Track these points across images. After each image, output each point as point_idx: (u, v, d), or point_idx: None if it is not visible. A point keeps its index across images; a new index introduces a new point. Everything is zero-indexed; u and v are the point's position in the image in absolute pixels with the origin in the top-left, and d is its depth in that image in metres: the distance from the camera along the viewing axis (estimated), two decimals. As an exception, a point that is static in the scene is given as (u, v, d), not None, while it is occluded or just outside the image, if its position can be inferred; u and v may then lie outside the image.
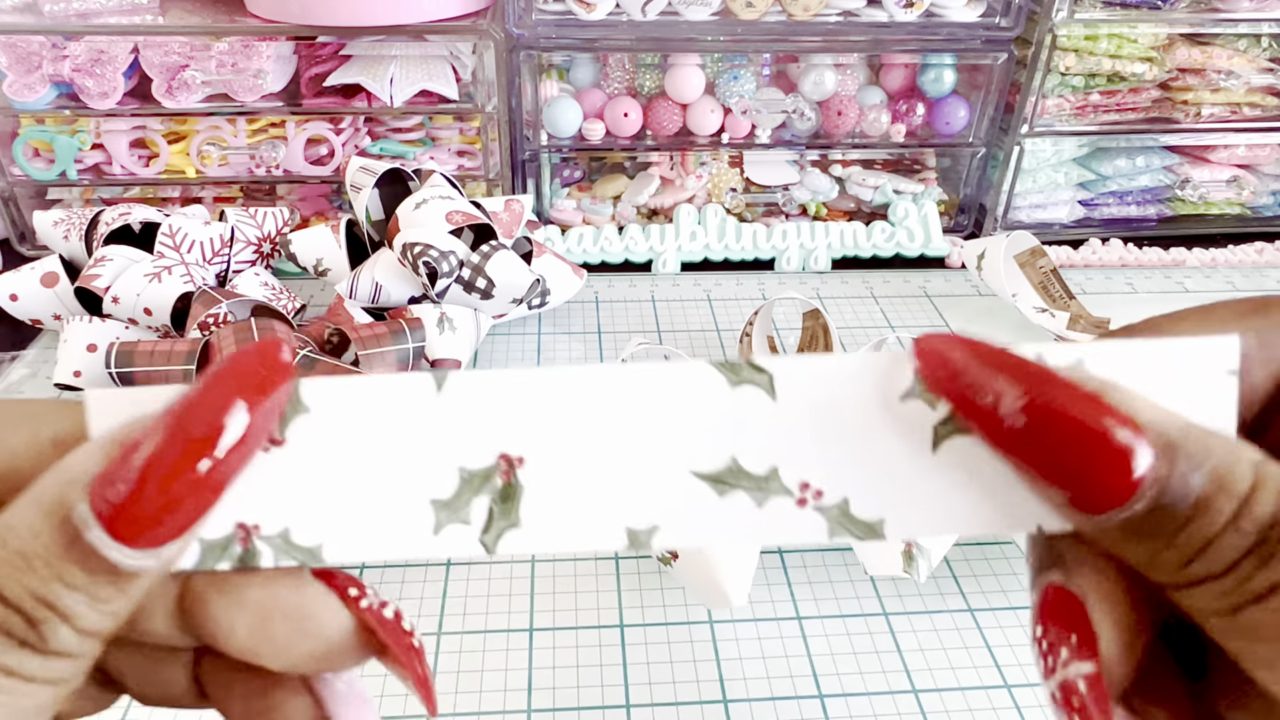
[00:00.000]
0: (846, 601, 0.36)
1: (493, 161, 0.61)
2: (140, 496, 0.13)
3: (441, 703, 0.32)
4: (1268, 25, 0.59)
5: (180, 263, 0.47)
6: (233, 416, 0.13)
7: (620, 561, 0.38)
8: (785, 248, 0.61)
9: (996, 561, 0.38)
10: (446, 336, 0.45)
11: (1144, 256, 0.64)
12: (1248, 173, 0.67)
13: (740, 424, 0.16)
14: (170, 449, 0.13)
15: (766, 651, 0.34)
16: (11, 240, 0.61)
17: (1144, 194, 0.67)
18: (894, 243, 0.62)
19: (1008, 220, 0.66)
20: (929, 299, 0.58)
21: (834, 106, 0.63)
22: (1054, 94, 0.61)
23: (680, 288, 0.58)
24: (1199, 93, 0.62)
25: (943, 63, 0.62)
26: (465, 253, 0.46)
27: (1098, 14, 0.58)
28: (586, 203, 0.64)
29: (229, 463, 0.13)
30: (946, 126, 0.64)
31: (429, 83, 0.58)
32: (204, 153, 0.59)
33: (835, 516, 0.16)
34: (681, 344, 0.52)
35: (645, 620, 0.35)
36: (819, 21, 0.58)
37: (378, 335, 0.40)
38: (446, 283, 0.45)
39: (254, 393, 0.14)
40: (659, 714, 0.31)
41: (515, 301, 0.47)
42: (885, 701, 0.32)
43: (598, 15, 0.56)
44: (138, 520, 0.13)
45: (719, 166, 0.64)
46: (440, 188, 0.49)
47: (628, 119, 0.61)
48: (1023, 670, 0.33)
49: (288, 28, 0.55)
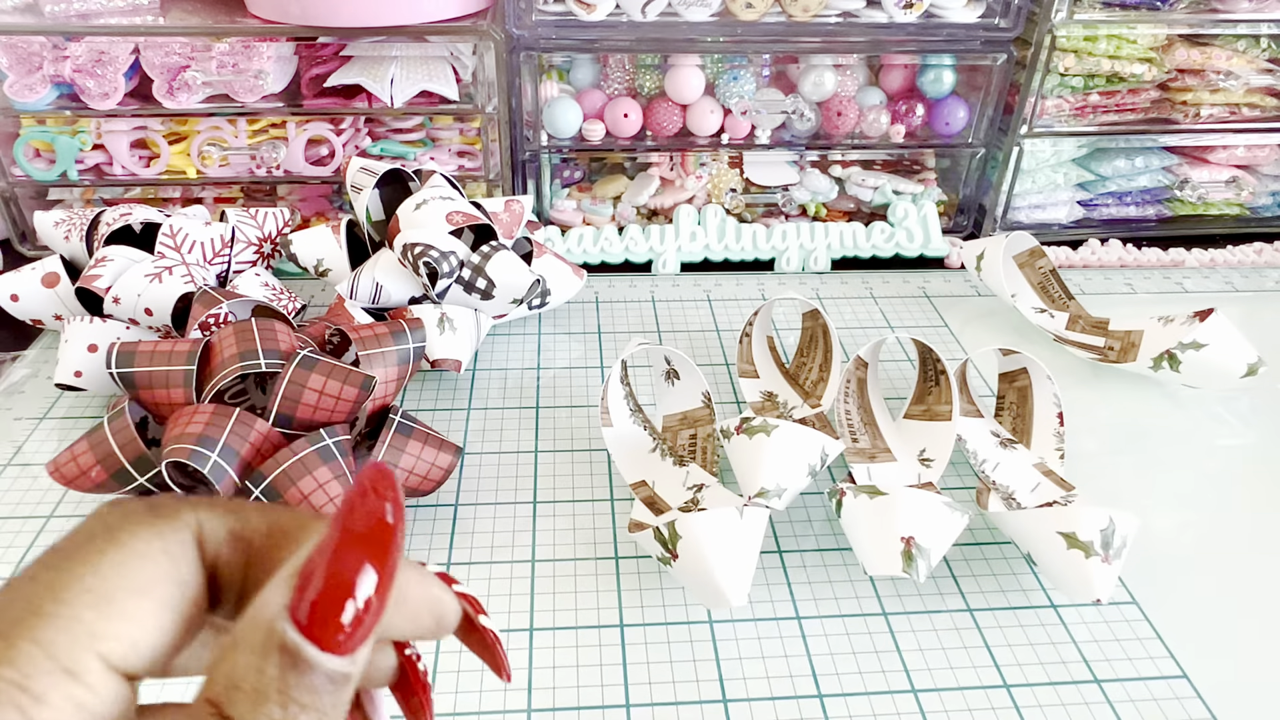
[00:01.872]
0: (846, 601, 0.36)
1: (493, 162, 0.61)
2: (328, 609, 0.15)
3: (441, 703, 0.32)
4: (1266, 26, 0.59)
5: (181, 263, 0.47)
6: (364, 576, 0.16)
7: (620, 561, 0.38)
8: (785, 248, 0.62)
9: (996, 562, 0.38)
10: (447, 337, 0.46)
11: (1143, 257, 0.64)
12: (1247, 173, 0.67)
13: None
14: (339, 585, 0.15)
15: (766, 651, 0.34)
16: (12, 240, 0.61)
17: (1143, 194, 0.67)
18: (893, 243, 0.62)
19: (1007, 221, 0.66)
20: (928, 299, 0.58)
21: (834, 107, 0.63)
22: (1053, 95, 0.61)
23: (680, 288, 0.58)
24: (1198, 93, 0.62)
25: (942, 63, 0.62)
26: (465, 253, 0.46)
27: (1097, 15, 0.58)
28: (586, 203, 0.65)
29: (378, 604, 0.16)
30: (946, 127, 0.64)
31: (429, 83, 0.58)
32: (204, 153, 0.59)
33: None
34: (681, 344, 0.52)
35: (645, 620, 0.35)
36: (819, 22, 0.58)
37: (378, 335, 0.40)
38: (447, 283, 0.45)
39: (377, 559, 0.16)
40: (659, 714, 0.32)
41: (515, 302, 0.47)
42: (885, 701, 0.32)
43: (598, 16, 0.57)
44: (329, 625, 0.15)
45: (719, 167, 0.64)
46: (440, 188, 0.49)
47: (628, 119, 0.62)
48: (1022, 670, 0.33)
49: (288, 28, 0.55)
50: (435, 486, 0.39)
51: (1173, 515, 0.41)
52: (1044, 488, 0.40)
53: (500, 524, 0.39)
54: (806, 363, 0.48)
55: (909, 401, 0.45)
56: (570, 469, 0.43)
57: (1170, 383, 0.49)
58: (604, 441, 0.43)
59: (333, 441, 0.36)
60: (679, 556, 0.33)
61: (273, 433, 0.36)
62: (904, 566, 0.33)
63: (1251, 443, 0.46)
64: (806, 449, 0.37)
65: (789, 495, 0.37)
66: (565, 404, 0.47)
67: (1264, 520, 0.41)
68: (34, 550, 0.38)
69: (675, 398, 0.45)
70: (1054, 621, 0.36)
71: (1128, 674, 0.33)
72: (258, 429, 0.36)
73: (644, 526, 0.36)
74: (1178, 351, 0.47)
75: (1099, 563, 0.33)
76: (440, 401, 0.47)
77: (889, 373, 0.50)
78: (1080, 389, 0.49)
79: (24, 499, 0.41)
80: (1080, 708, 0.32)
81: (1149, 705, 0.32)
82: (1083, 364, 0.51)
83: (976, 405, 0.45)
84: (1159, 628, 0.35)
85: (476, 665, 0.33)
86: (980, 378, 0.50)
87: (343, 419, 0.38)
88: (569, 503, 0.41)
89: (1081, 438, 0.46)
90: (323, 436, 0.36)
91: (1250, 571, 0.38)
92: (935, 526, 0.34)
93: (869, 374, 0.46)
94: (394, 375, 0.40)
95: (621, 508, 0.40)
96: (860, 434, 0.43)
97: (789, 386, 0.47)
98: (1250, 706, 0.32)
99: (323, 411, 0.37)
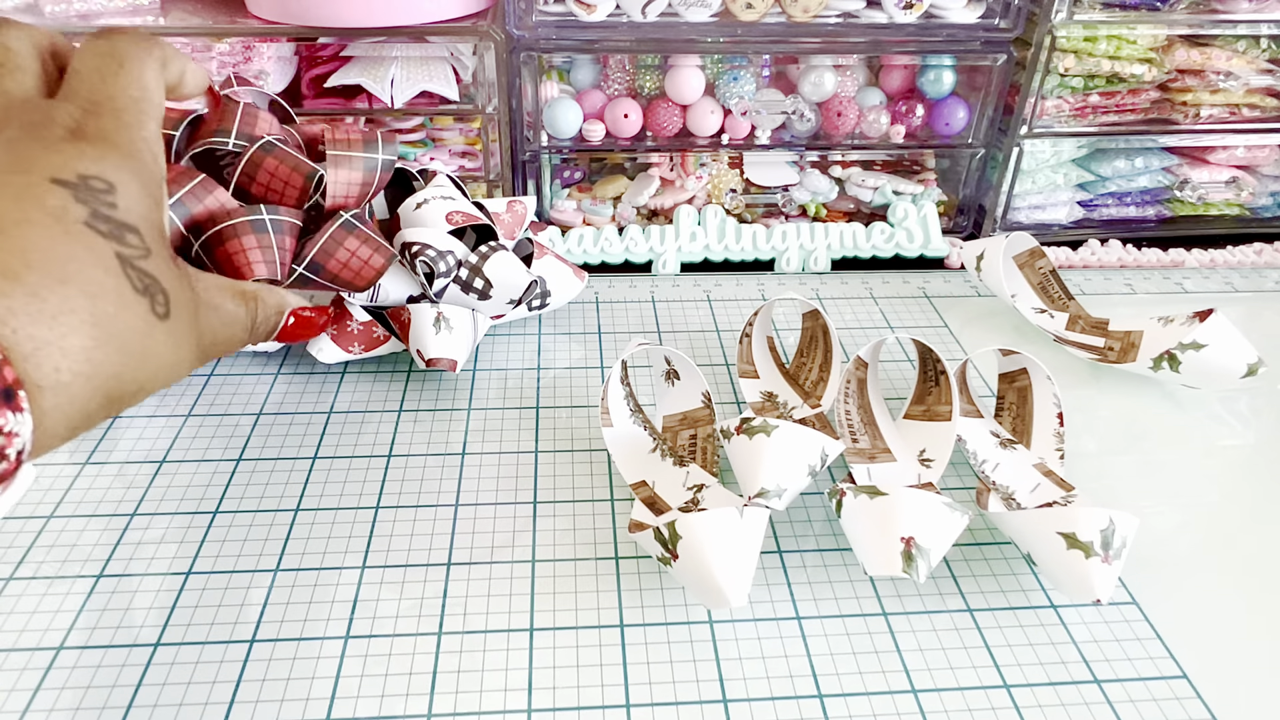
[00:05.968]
0: (846, 601, 0.36)
1: (493, 162, 0.61)
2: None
3: (441, 703, 0.32)
4: (1266, 26, 0.60)
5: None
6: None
7: (620, 561, 0.38)
8: (785, 248, 0.62)
9: (996, 562, 0.38)
10: (443, 336, 0.46)
11: (1143, 257, 0.64)
12: (1247, 174, 0.67)
13: None
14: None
15: (766, 651, 0.34)
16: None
17: (1143, 195, 0.67)
18: (893, 243, 0.62)
19: (1007, 221, 0.66)
20: (928, 300, 0.58)
21: (833, 108, 0.63)
22: (1053, 95, 0.61)
23: (680, 288, 0.58)
24: (1198, 94, 0.62)
25: (942, 64, 0.62)
26: (464, 253, 0.46)
27: (1097, 15, 0.58)
28: (587, 204, 0.65)
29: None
30: (946, 127, 0.64)
31: (430, 84, 0.58)
32: (205, 153, 0.59)
33: None
34: (681, 344, 0.52)
35: (645, 620, 0.35)
36: (818, 23, 0.58)
37: (350, 141, 0.42)
38: (444, 282, 0.45)
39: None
40: (659, 714, 0.32)
41: (512, 303, 0.47)
42: (885, 701, 0.32)
43: (598, 17, 0.57)
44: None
45: (719, 167, 0.65)
46: (443, 188, 0.49)
47: (628, 120, 0.62)
48: (1022, 670, 0.33)
49: (289, 29, 0.55)
50: (366, 285, 0.42)
51: (1173, 515, 0.41)
52: (1044, 488, 0.40)
53: (500, 524, 0.39)
54: (806, 363, 0.48)
55: (909, 402, 0.45)
56: (570, 469, 0.43)
57: (1170, 383, 0.49)
58: (604, 441, 0.43)
59: (270, 218, 0.38)
60: (679, 556, 0.33)
61: (230, 203, 0.38)
62: (904, 567, 0.33)
63: (1251, 443, 0.46)
64: (806, 449, 0.37)
65: (789, 495, 0.37)
66: (565, 404, 0.47)
67: (1264, 520, 0.41)
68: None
69: (675, 398, 0.45)
70: (1054, 621, 0.36)
71: (1128, 674, 0.34)
72: (216, 195, 0.38)
73: (644, 526, 0.36)
74: (1178, 352, 0.47)
75: (1099, 563, 0.33)
76: (440, 402, 0.47)
77: (889, 373, 0.50)
78: (1080, 389, 0.49)
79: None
80: (1080, 708, 0.32)
81: (1149, 705, 0.32)
82: (1083, 364, 0.51)
83: (976, 405, 0.45)
84: (1159, 628, 0.35)
85: (476, 665, 0.33)
86: (980, 378, 0.50)
87: (292, 204, 0.41)
88: (569, 503, 0.41)
89: (1081, 438, 0.46)
90: (261, 211, 0.38)
91: (1250, 571, 0.38)
92: (935, 527, 0.34)
93: (869, 374, 0.46)
94: (357, 180, 0.41)
95: (621, 508, 0.40)
96: (860, 434, 0.43)
97: (789, 387, 0.47)
98: (1250, 706, 0.32)
99: (274, 194, 0.40)
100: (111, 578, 0.36)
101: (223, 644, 0.34)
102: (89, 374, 0.22)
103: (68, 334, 0.22)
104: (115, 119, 0.26)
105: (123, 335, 0.23)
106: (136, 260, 0.24)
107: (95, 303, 0.23)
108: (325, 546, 0.38)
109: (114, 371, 0.23)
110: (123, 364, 0.24)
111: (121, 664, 0.33)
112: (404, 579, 0.37)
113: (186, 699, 0.32)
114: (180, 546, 0.38)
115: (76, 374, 0.22)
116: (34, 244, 0.22)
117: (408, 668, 0.33)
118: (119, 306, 0.23)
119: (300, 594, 0.36)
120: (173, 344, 0.26)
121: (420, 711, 0.31)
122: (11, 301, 0.21)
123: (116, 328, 0.23)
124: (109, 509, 0.40)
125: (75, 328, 0.22)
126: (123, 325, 0.23)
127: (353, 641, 0.34)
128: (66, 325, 0.22)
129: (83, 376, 0.22)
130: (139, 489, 0.41)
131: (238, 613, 0.35)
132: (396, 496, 0.41)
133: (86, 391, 0.23)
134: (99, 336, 0.23)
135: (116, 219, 0.24)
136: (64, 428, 0.23)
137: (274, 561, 0.37)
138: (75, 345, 0.22)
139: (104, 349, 0.23)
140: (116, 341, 0.23)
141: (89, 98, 0.26)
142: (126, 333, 0.23)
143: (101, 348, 0.23)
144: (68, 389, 0.22)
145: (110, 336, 0.23)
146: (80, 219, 0.23)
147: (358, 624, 0.35)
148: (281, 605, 0.35)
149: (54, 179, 0.23)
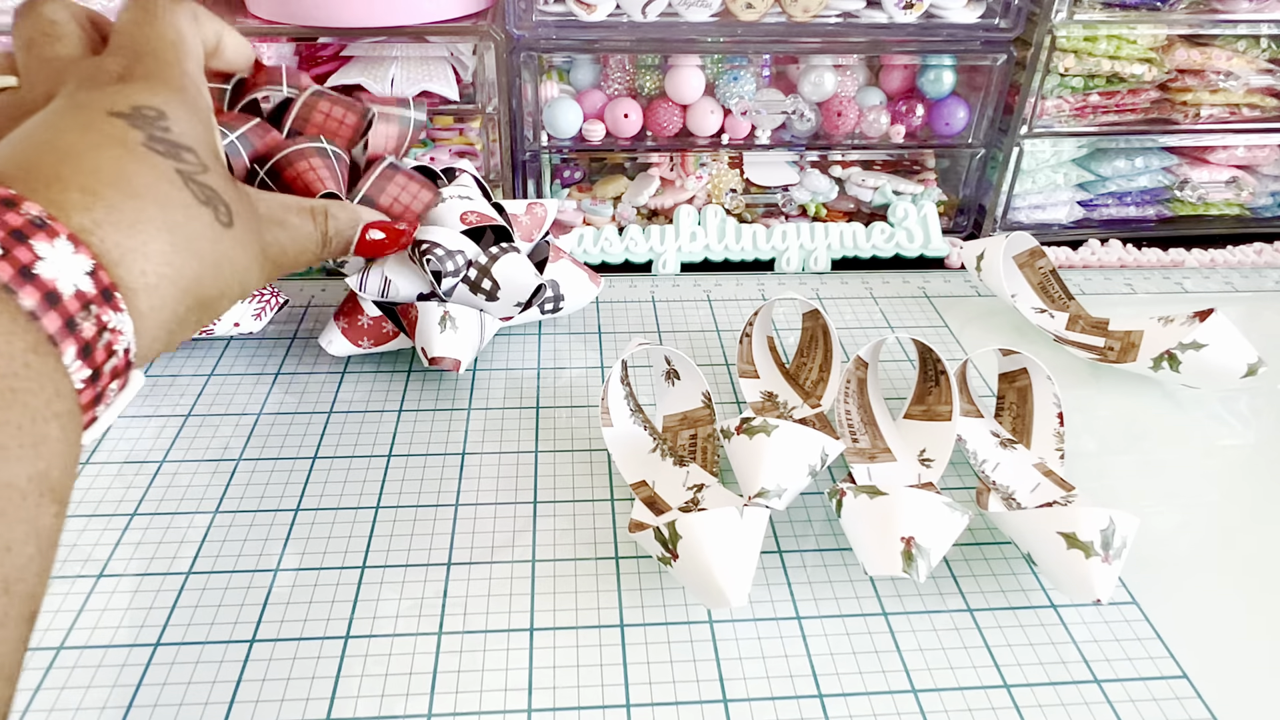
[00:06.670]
0: (846, 601, 0.36)
1: (493, 162, 0.61)
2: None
3: (441, 703, 0.32)
4: (1267, 26, 0.60)
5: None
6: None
7: (620, 561, 0.38)
8: (785, 248, 0.62)
9: (996, 562, 0.38)
10: (448, 335, 0.45)
11: (1143, 257, 0.64)
12: (1247, 173, 0.67)
13: None
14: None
15: (766, 651, 0.34)
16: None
17: (1143, 195, 0.67)
18: (893, 243, 0.62)
19: (1007, 221, 0.66)
20: (928, 299, 0.58)
21: (833, 107, 0.63)
22: (1053, 95, 0.61)
23: (680, 288, 0.58)
24: (1198, 93, 0.62)
25: (942, 64, 0.62)
26: (475, 253, 0.46)
27: (1097, 15, 0.58)
28: (587, 203, 0.65)
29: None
30: (946, 127, 0.64)
31: (430, 84, 0.58)
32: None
33: None
34: (681, 344, 0.52)
35: (645, 620, 0.35)
36: (819, 23, 0.58)
37: (386, 103, 0.46)
38: (453, 282, 0.45)
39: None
40: (659, 714, 0.32)
41: (519, 305, 0.47)
42: (885, 701, 0.32)
43: (598, 16, 0.57)
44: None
45: (719, 167, 0.65)
46: (466, 188, 0.49)
47: (628, 120, 0.62)
48: (1022, 670, 0.33)
49: (288, 29, 0.55)
50: (415, 218, 0.45)
51: (1173, 515, 0.41)
52: (1044, 488, 0.40)
53: (500, 524, 0.39)
54: (806, 363, 0.48)
55: (909, 401, 0.45)
56: (570, 469, 0.43)
57: (1170, 383, 0.49)
58: (604, 441, 0.43)
59: (330, 147, 0.41)
60: (679, 556, 0.33)
61: (283, 139, 0.41)
62: (904, 566, 0.33)
63: (1251, 443, 0.46)
64: (806, 449, 0.37)
65: (789, 495, 0.37)
66: (565, 404, 0.47)
67: (1264, 520, 0.41)
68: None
69: (675, 398, 0.45)
70: (1054, 621, 0.36)
71: (1128, 674, 0.34)
72: (271, 135, 0.41)
73: (644, 526, 0.36)
74: (1178, 352, 0.47)
75: (1099, 563, 0.33)
76: (440, 402, 0.47)
77: (889, 373, 0.50)
78: (1080, 389, 0.49)
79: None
80: (1080, 708, 0.32)
81: (1149, 705, 0.32)
82: (1083, 364, 0.51)
83: (976, 405, 0.45)
84: (1159, 628, 0.35)
85: (477, 665, 0.33)
86: (980, 378, 0.50)
87: (344, 145, 0.43)
88: (569, 503, 0.41)
89: (1081, 438, 0.46)
90: (321, 140, 0.42)
91: (1250, 571, 0.38)
92: (935, 526, 0.34)
93: (869, 374, 0.46)
94: (394, 133, 0.45)
95: (621, 508, 0.40)
96: (860, 434, 0.43)
97: (789, 387, 0.47)
98: (1250, 706, 0.32)
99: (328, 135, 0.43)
100: (111, 577, 0.36)
101: (223, 644, 0.34)
102: (173, 277, 0.25)
103: (148, 240, 0.24)
104: (155, 60, 0.29)
105: (195, 241, 0.26)
106: (196, 175, 0.27)
107: (166, 212, 0.25)
108: (325, 546, 0.38)
109: (194, 274, 0.26)
110: (200, 269, 0.26)
111: (121, 664, 0.33)
112: (404, 579, 0.37)
113: (186, 699, 0.32)
114: (180, 546, 0.38)
115: (162, 276, 0.25)
116: (104, 165, 0.25)
117: (408, 668, 0.33)
118: (187, 216, 0.26)
119: (300, 594, 0.36)
120: (241, 250, 0.29)
121: (420, 711, 0.31)
122: (95, 214, 0.23)
123: (188, 233, 0.26)
124: (109, 509, 0.40)
125: (153, 235, 0.25)
126: (193, 232, 0.26)
127: (353, 641, 0.34)
128: (145, 233, 0.24)
129: (167, 280, 0.25)
130: (139, 489, 0.41)
131: (238, 613, 0.35)
132: (397, 496, 0.41)
133: (175, 294, 0.25)
134: (175, 242, 0.25)
135: (171, 140, 0.27)
136: (162, 330, 0.25)
137: (274, 561, 0.37)
138: (155, 250, 0.24)
139: (181, 254, 0.25)
140: (191, 247, 0.26)
141: (130, 48, 0.29)
142: (197, 239, 0.26)
143: (179, 253, 0.25)
144: (157, 290, 0.25)
145: (184, 241, 0.26)
146: (140, 141, 0.26)
147: (358, 624, 0.35)
148: (281, 605, 0.35)
149: (110, 112, 0.26)
